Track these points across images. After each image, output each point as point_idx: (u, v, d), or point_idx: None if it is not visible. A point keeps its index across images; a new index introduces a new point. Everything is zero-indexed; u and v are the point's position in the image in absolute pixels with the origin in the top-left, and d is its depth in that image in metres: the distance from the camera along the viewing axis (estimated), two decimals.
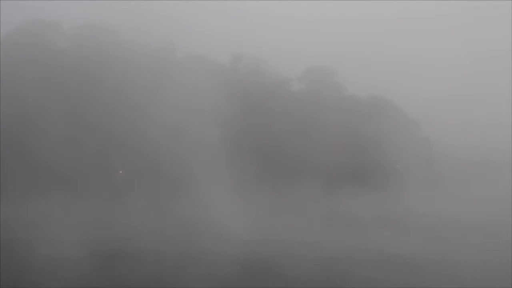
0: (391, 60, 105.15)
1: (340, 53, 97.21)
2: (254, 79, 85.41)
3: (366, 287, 33.13)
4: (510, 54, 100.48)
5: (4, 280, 31.17)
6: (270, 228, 51.99)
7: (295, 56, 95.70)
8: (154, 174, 70.16)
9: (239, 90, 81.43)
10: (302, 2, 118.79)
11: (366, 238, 47.83)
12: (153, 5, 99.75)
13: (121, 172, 71.79)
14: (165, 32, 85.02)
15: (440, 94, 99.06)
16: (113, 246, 42.84)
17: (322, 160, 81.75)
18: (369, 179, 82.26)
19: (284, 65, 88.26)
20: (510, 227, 52.35)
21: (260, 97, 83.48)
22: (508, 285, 32.67)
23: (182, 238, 47.02)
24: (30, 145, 66.86)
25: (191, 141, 70.13)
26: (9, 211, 55.99)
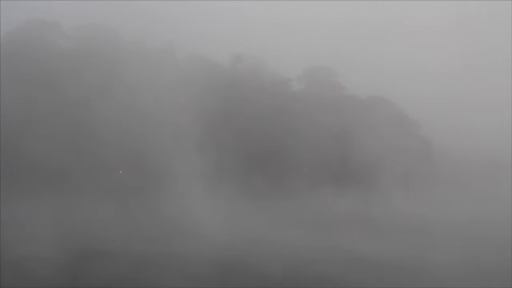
0: (391, 61, 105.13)
1: (340, 53, 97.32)
2: (254, 79, 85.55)
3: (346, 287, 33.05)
4: (510, 55, 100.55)
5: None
6: (251, 227, 51.62)
7: (295, 56, 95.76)
8: (141, 174, 69.84)
9: (238, 90, 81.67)
10: (303, 2, 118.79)
11: (355, 240, 47.30)
12: (153, 5, 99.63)
13: (121, 172, 71.70)
14: (165, 32, 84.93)
15: (440, 94, 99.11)
16: (91, 246, 42.63)
17: (314, 160, 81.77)
18: (364, 180, 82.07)
19: (284, 65, 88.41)
20: (510, 228, 52.35)
21: (259, 97, 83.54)
22: (508, 285, 32.69)
23: (160, 238, 46.76)
24: (28, 146, 66.64)
25: (181, 140, 69.88)
26: None
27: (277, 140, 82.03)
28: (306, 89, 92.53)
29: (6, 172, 65.38)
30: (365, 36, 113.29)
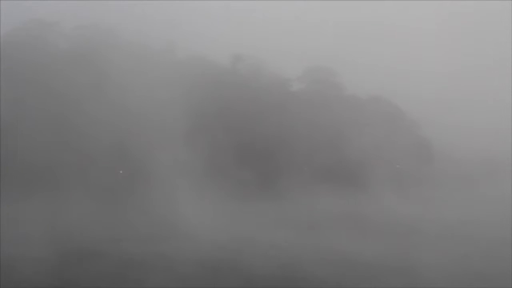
0: (391, 61, 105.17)
1: (340, 53, 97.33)
2: (254, 79, 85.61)
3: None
4: (510, 55, 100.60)
5: None
6: (242, 227, 51.30)
7: (295, 56, 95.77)
8: (134, 174, 69.71)
9: (238, 90, 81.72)
10: (303, 2, 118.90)
11: (351, 240, 46.67)
12: (153, 5, 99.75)
13: (121, 172, 71.71)
14: (165, 33, 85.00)
15: (440, 94, 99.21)
16: (79, 246, 42.55)
17: (313, 160, 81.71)
18: (364, 180, 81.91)
19: (284, 65, 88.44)
20: (510, 228, 52.28)
21: (259, 96, 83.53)
22: (508, 285, 32.71)
23: (151, 237, 46.66)
24: (26, 146, 66.52)
25: (178, 140, 69.79)
26: None
27: (277, 140, 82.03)
28: (306, 89, 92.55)
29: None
30: (365, 36, 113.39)
